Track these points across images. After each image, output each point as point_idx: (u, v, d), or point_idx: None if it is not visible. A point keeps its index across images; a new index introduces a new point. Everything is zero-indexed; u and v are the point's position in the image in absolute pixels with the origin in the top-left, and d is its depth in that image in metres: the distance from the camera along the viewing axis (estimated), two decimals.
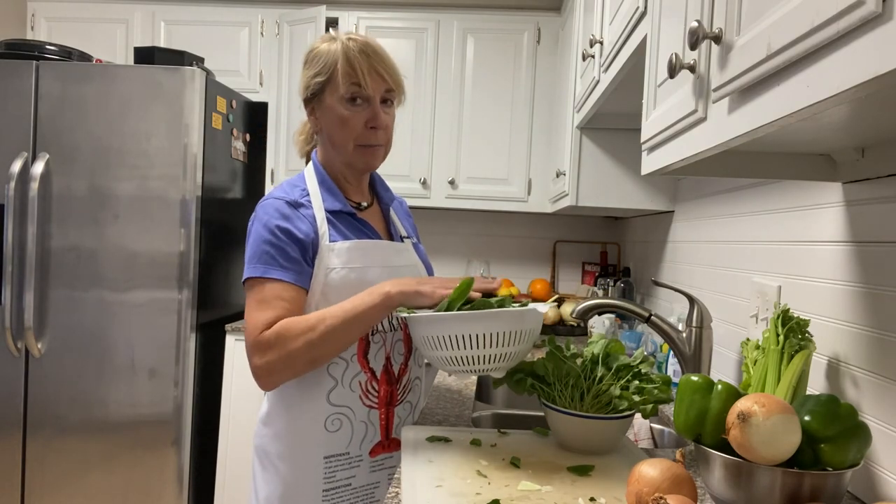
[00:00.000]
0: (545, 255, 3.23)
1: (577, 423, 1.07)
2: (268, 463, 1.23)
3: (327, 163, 1.29)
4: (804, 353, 0.96)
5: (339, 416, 1.21)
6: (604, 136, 2.15)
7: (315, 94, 1.24)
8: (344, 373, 1.21)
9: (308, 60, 1.25)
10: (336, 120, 1.22)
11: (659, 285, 1.43)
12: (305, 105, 1.27)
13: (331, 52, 1.21)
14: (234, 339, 2.59)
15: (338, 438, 1.21)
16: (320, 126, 1.26)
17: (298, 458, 1.20)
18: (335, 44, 1.21)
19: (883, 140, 0.88)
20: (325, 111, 1.23)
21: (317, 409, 1.20)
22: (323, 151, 1.30)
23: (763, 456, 0.76)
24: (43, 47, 2.45)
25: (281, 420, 1.22)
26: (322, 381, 1.19)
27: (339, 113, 1.21)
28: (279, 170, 2.91)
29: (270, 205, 1.20)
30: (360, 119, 1.21)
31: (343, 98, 1.20)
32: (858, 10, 0.46)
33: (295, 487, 1.20)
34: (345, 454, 1.22)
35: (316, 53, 1.24)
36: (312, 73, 1.23)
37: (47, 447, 2.41)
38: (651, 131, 1.04)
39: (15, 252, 2.36)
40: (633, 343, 2.03)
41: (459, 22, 2.87)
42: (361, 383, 1.22)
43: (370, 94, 1.21)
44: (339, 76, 1.19)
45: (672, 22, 0.97)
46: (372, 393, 1.23)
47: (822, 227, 1.12)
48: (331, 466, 1.20)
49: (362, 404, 1.23)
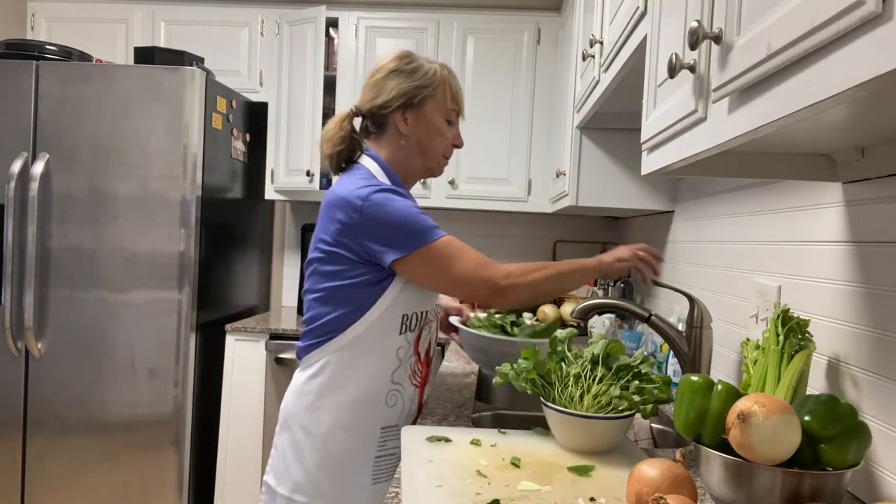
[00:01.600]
0: (545, 255, 3.23)
1: (577, 423, 1.07)
2: (320, 432, 1.31)
3: (397, 163, 1.40)
4: (804, 353, 0.96)
5: (396, 393, 1.36)
6: (604, 136, 2.15)
7: (415, 103, 1.36)
8: (405, 355, 1.36)
9: (407, 71, 1.37)
10: (435, 131, 1.39)
11: (659, 285, 1.43)
12: (395, 109, 1.36)
13: (436, 72, 1.38)
14: (234, 338, 2.59)
15: (393, 412, 1.35)
16: (410, 130, 1.38)
17: (360, 427, 1.32)
18: (434, 65, 1.39)
19: (883, 140, 0.88)
20: (424, 121, 1.38)
21: (381, 385, 1.34)
22: (393, 152, 1.40)
23: (763, 456, 0.76)
24: (43, 47, 2.45)
25: (346, 392, 1.32)
26: (389, 362, 1.34)
27: (439, 127, 1.39)
28: (279, 170, 2.91)
29: (383, 194, 1.28)
30: (451, 136, 1.42)
31: (443, 115, 1.39)
32: (858, 10, 0.46)
33: (352, 454, 1.32)
34: (395, 426, 1.36)
35: (418, 66, 1.38)
36: (416, 84, 1.36)
37: (47, 447, 2.41)
38: (651, 131, 1.04)
39: (15, 252, 2.36)
40: (633, 343, 2.03)
41: (459, 22, 2.87)
42: (411, 365, 1.38)
43: (458, 119, 1.44)
44: (446, 96, 1.39)
45: (672, 22, 0.97)
46: (417, 373, 1.40)
47: (822, 227, 1.12)
48: (384, 437, 1.34)
49: (410, 383, 1.38)
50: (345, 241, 1.28)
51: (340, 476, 1.31)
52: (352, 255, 1.29)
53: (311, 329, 1.35)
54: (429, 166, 1.43)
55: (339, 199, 1.28)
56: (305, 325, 1.37)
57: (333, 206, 1.30)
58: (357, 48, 2.89)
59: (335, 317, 1.31)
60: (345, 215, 1.27)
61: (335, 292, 1.31)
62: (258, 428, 2.58)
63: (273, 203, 3.31)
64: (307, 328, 1.36)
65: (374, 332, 1.31)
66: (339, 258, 1.30)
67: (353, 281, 1.30)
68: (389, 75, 1.37)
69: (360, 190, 1.27)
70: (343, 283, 1.30)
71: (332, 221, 1.30)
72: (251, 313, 3.01)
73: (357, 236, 1.27)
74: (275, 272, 3.34)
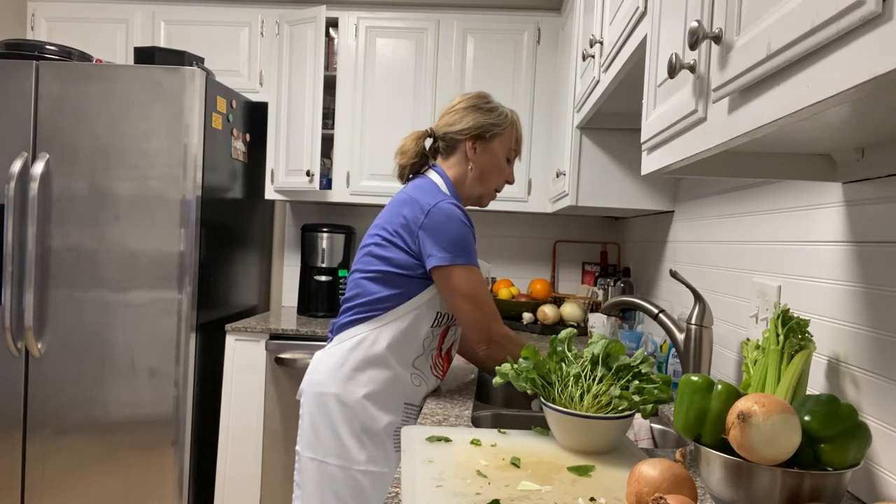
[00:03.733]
0: (545, 255, 3.23)
1: (577, 423, 1.07)
2: (351, 400, 1.46)
3: (458, 184, 1.60)
4: (804, 353, 0.96)
5: (419, 376, 1.52)
6: (604, 136, 2.15)
7: (486, 136, 1.58)
8: (429, 346, 1.52)
9: (487, 108, 1.59)
10: (496, 165, 1.60)
11: (676, 278, 1.43)
12: (468, 137, 1.57)
13: (507, 115, 1.61)
14: (234, 338, 2.59)
15: (417, 392, 1.52)
16: (476, 158, 1.59)
17: (386, 400, 1.47)
18: (507, 109, 1.62)
19: (883, 140, 0.88)
20: (489, 153, 1.59)
21: (405, 367, 1.50)
22: (457, 173, 1.60)
23: (763, 456, 0.76)
24: (43, 47, 2.45)
25: (378, 367, 1.47)
26: (414, 349, 1.50)
27: (500, 163, 1.61)
28: (279, 170, 2.91)
29: (453, 207, 1.45)
30: (507, 173, 1.64)
31: (505, 153, 1.61)
32: (858, 10, 0.46)
33: (378, 423, 1.46)
34: (417, 406, 1.52)
35: (496, 107, 1.61)
36: (492, 122, 1.58)
37: (47, 447, 2.41)
38: (651, 131, 1.04)
39: (15, 252, 2.36)
40: (633, 343, 2.03)
41: (459, 22, 2.86)
42: (432, 356, 1.54)
43: (515, 160, 1.65)
44: (512, 137, 1.62)
45: (672, 22, 0.97)
46: (438, 367, 1.57)
47: (822, 227, 1.12)
48: (407, 412, 1.50)
49: (431, 373, 1.55)
50: (404, 235, 1.46)
51: (369, 442, 1.45)
52: (406, 247, 1.46)
53: (355, 305, 1.51)
54: (481, 194, 1.63)
55: (411, 200, 1.48)
56: (346, 303, 1.53)
57: (404, 203, 1.49)
58: (357, 48, 2.89)
59: (381, 296, 1.48)
60: (411, 213, 1.46)
61: (388, 276, 1.48)
62: (258, 428, 2.58)
63: (273, 203, 3.31)
64: (349, 304, 1.52)
65: (410, 318, 1.47)
66: (395, 247, 1.47)
67: (406, 271, 1.47)
68: (469, 108, 1.59)
69: (432, 197, 1.46)
70: (396, 271, 1.47)
71: (397, 216, 1.48)
72: (251, 313, 3.01)
73: (416, 233, 1.44)
74: (275, 272, 3.34)
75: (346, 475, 1.44)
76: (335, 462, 1.44)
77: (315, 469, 1.46)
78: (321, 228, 2.97)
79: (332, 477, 1.44)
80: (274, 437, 2.58)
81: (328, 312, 2.94)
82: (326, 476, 1.45)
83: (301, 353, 2.55)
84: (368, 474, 1.44)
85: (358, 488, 1.44)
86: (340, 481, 1.44)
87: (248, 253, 2.97)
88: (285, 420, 2.58)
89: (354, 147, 2.90)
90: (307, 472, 1.47)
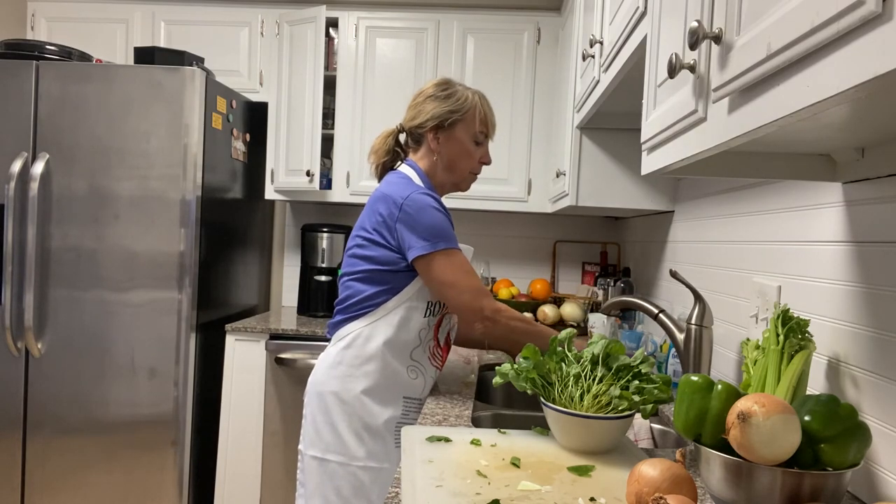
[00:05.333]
0: (545, 255, 3.23)
1: (577, 423, 1.07)
2: (350, 397, 1.47)
3: (432, 175, 1.60)
4: (804, 353, 0.96)
5: (416, 368, 1.53)
6: (604, 136, 2.15)
7: (446, 125, 1.56)
8: (425, 336, 1.53)
9: (443, 96, 1.57)
10: (463, 151, 1.58)
11: (676, 278, 1.43)
12: (429, 129, 1.56)
13: (469, 98, 1.57)
14: (234, 338, 2.59)
15: (415, 385, 1.53)
16: (440, 149, 1.57)
17: (384, 394, 1.49)
18: (468, 92, 1.58)
19: (883, 140, 0.88)
20: (452, 141, 1.57)
21: (402, 360, 1.51)
22: (427, 165, 1.60)
23: (763, 456, 0.76)
24: (43, 47, 2.45)
25: (373, 362, 1.49)
26: (410, 340, 1.51)
27: (467, 147, 1.58)
28: (279, 170, 2.91)
29: (424, 196, 1.46)
30: (478, 155, 1.61)
31: (471, 137, 1.58)
32: (858, 10, 0.46)
33: (377, 419, 1.47)
34: (418, 399, 1.54)
35: (454, 92, 1.57)
36: (450, 109, 1.55)
37: (47, 447, 2.41)
38: (651, 131, 1.04)
39: (15, 252, 2.36)
40: (633, 343, 2.03)
41: (459, 22, 2.86)
42: (430, 347, 1.55)
43: (487, 140, 1.62)
44: (475, 119, 1.57)
45: (672, 22, 0.97)
46: (437, 356, 1.58)
47: (822, 227, 1.12)
48: (407, 406, 1.51)
49: (430, 364, 1.56)
50: (383, 231, 1.47)
51: (369, 438, 1.46)
52: (386, 244, 1.47)
53: (346, 306, 1.53)
54: (455, 181, 1.63)
55: (385, 196, 1.48)
56: (339, 305, 1.55)
57: (378, 200, 1.49)
58: (357, 48, 2.89)
59: (370, 294, 1.49)
60: (386, 208, 1.46)
61: (374, 274, 1.49)
62: (258, 428, 2.58)
63: (273, 203, 3.31)
64: (341, 306, 1.54)
65: (402, 311, 1.49)
66: (377, 245, 1.48)
67: (390, 266, 1.48)
68: (427, 100, 1.58)
69: (403, 190, 1.46)
70: (381, 268, 1.49)
71: (374, 214, 1.49)
72: (251, 313, 3.01)
73: (393, 227, 1.45)
74: (275, 272, 3.34)
75: (346, 471, 1.45)
76: (335, 459, 1.46)
77: (316, 467, 1.47)
78: (321, 228, 2.97)
79: (332, 474, 1.46)
80: (274, 437, 2.58)
81: (328, 312, 2.94)
82: (327, 473, 1.46)
83: (301, 354, 2.55)
84: (368, 470, 1.45)
85: (358, 484, 1.45)
86: (341, 478, 1.45)
87: (248, 253, 2.97)
88: (285, 420, 2.58)
89: (354, 147, 2.90)
90: (309, 470, 1.48)
